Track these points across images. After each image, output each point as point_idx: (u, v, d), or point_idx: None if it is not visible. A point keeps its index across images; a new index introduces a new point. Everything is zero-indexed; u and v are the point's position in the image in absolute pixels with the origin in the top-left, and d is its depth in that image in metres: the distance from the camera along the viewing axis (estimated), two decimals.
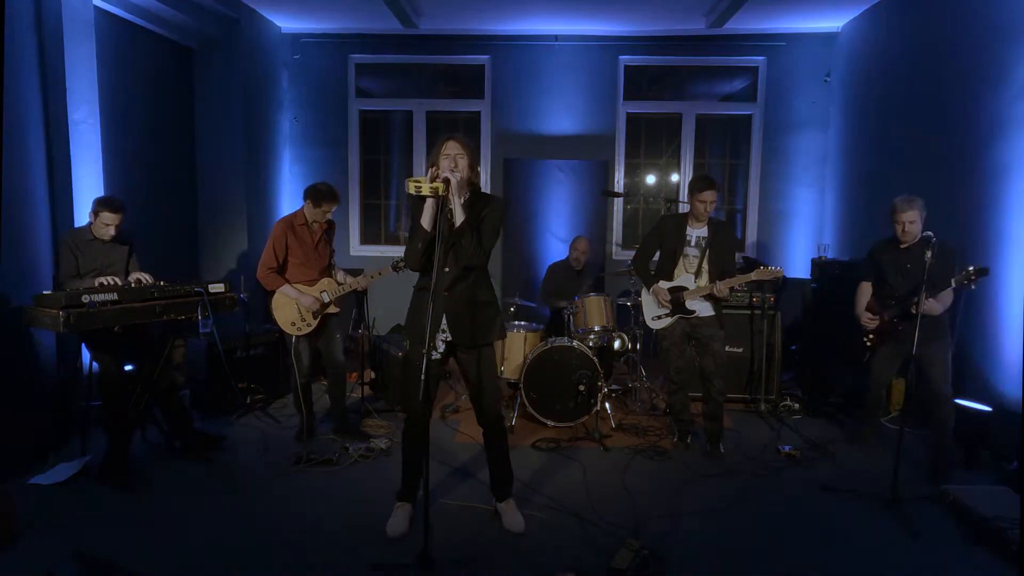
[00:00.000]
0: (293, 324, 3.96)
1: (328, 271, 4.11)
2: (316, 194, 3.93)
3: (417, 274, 2.98)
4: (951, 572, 2.77)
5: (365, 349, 4.89)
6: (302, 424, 4.12)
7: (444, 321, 2.90)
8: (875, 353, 3.94)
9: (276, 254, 3.92)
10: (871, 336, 3.92)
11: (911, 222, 3.57)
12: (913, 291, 3.50)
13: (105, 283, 3.44)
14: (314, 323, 3.99)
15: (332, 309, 4.08)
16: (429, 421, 3.04)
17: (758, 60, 6.65)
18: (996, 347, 4.06)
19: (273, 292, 3.97)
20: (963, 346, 4.23)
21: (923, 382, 3.66)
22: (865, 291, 3.92)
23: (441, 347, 2.94)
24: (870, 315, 3.87)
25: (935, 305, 3.50)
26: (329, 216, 4.04)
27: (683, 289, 3.92)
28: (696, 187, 3.85)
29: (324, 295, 4.01)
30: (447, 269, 2.86)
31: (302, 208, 4.01)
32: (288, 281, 3.95)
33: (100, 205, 3.57)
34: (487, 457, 3.12)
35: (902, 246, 3.69)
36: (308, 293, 3.97)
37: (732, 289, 3.94)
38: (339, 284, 4.07)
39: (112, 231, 3.61)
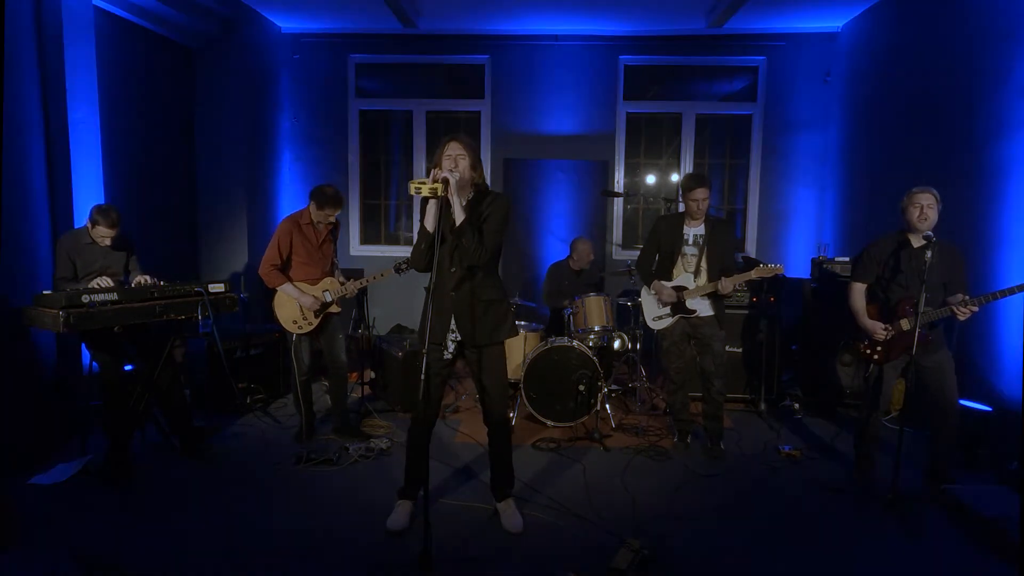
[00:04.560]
0: (294, 322, 3.96)
1: (331, 271, 4.11)
2: (322, 197, 3.89)
3: (427, 276, 2.96)
4: (951, 572, 2.77)
5: (365, 349, 4.89)
6: (302, 424, 4.12)
7: (453, 321, 2.90)
8: (882, 368, 3.45)
9: (280, 251, 3.91)
10: (879, 348, 3.42)
11: (929, 205, 3.25)
12: (939, 297, 3.26)
13: (101, 284, 3.44)
14: (315, 322, 3.99)
15: (334, 309, 4.07)
16: (434, 421, 3.04)
17: (758, 60, 6.64)
18: (996, 347, 4.06)
19: (275, 290, 3.97)
20: (963, 346, 4.22)
21: (934, 394, 3.39)
22: (861, 294, 3.53)
23: (452, 347, 2.94)
24: (882, 325, 3.39)
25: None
26: (332, 219, 4.04)
27: (683, 289, 3.92)
28: (687, 186, 3.86)
29: (326, 295, 4.00)
30: (453, 269, 2.86)
31: (308, 207, 4.00)
32: (290, 279, 3.95)
33: (97, 215, 3.57)
34: (489, 456, 3.13)
35: (913, 243, 3.34)
36: (310, 293, 3.96)
37: (734, 286, 3.93)
38: (341, 284, 4.06)
39: (108, 241, 3.63)
